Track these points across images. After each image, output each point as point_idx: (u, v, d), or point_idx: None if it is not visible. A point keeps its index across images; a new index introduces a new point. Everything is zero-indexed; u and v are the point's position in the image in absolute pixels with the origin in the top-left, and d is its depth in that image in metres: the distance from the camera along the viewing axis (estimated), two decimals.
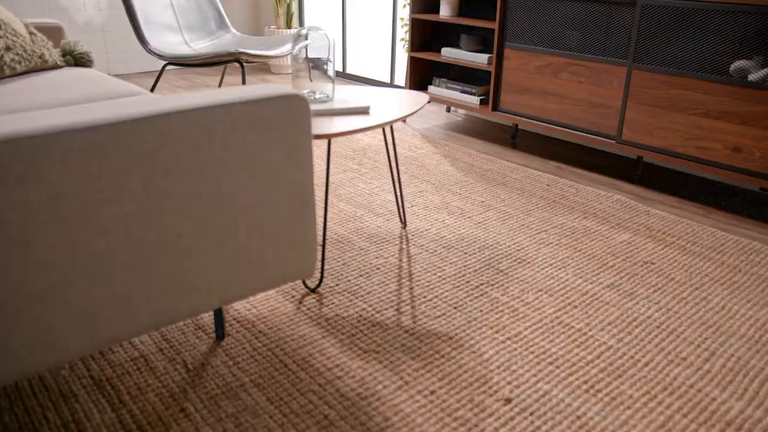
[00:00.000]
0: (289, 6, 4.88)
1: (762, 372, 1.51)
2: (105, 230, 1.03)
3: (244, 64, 3.66)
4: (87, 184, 0.99)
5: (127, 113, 1.02)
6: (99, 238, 1.03)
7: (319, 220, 2.21)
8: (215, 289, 1.21)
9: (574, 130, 2.85)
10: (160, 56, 2.82)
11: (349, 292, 1.79)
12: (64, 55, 2.32)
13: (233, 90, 1.19)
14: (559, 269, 1.95)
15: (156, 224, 1.09)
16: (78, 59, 2.34)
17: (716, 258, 2.06)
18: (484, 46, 3.27)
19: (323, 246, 1.77)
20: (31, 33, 2.18)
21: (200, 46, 3.17)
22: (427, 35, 3.52)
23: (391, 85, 4.48)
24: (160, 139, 1.05)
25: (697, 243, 2.17)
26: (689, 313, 1.74)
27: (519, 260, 2.00)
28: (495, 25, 3.01)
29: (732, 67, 2.30)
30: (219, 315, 1.54)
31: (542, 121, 2.96)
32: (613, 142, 2.71)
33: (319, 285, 1.82)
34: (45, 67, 2.20)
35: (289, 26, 4.96)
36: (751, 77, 2.26)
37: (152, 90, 2.91)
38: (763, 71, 2.23)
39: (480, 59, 3.16)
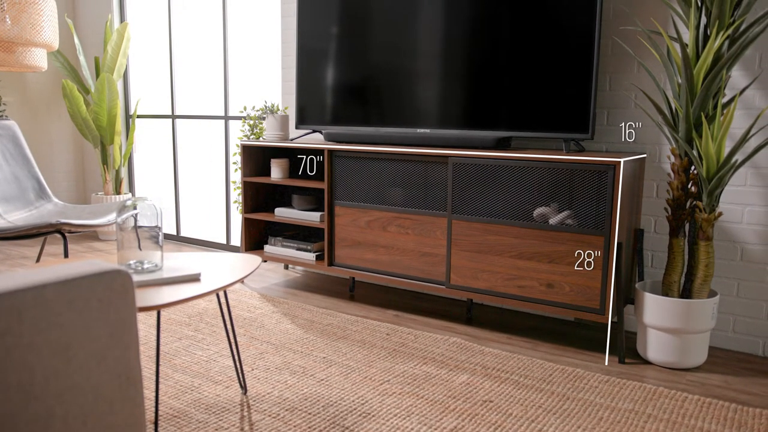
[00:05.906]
0: (117, 172, 4.81)
1: None
2: None
3: (67, 234, 3.49)
4: None
5: None
6: None
7: (152, 395, 2.07)
8: None
9: (406, 278, 2.99)
10: None
11: None
12: None
13: (48, 269, 1.13)
14: (404, 419, 1.96)
15: None
16: None
17: (547, 389, 2.19)
18: (316, 205, 3.42)
19: (155, 424, 1.65)
20: None
21: (16, 217, 2.99)
22: (260, 196, 3.62)
23: (228, 246, 4.47)
24: None
25: (528, 376, 2.29)
26: None
27: (363, 414, 1.99)
28: (324, 185, 3.18)
29: (535, 213, 2.59)
30: None
31: (376, 273, 3.08)
32: (443, 287, 2.87)
33: None
34: None
35: (118, 192, 4.86)
36: (551, 221, 2.55)
37: None
38: (560, 216, 2.53)
39: (312, 217, 3.28)
